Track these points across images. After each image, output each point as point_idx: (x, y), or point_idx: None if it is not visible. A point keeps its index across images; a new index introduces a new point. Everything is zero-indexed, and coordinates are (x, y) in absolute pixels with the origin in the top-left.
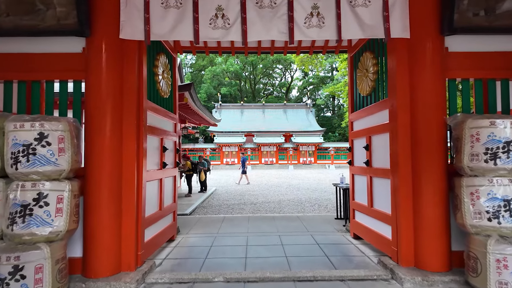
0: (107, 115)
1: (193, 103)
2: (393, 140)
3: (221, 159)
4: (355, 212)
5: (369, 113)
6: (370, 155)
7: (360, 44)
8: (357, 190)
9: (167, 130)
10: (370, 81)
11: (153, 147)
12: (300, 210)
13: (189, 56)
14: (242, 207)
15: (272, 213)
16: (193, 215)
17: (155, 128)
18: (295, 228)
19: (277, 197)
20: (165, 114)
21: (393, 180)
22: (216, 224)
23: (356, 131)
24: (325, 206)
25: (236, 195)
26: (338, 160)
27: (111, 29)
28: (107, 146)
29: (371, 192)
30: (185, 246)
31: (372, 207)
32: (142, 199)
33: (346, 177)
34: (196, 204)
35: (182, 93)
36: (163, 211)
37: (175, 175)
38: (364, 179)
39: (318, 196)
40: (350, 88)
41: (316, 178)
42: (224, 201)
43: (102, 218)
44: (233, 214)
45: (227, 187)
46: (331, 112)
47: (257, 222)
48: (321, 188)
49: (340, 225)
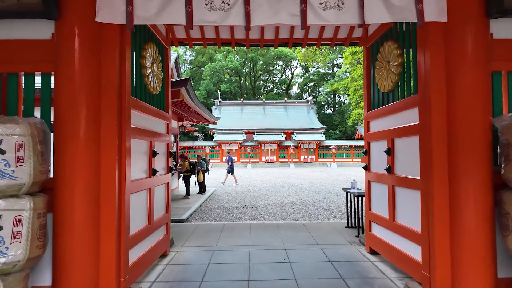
0: (81, 115)
1: (190, 100)
2: (425, 144)
3: (221, 157)
4: (371, 224)
5: (391, 112)
6: (392, 161)
7: (380, 33)
8: (374, 200)
9: (158, 132)
10: (392, 75)
11: (140, 152)
12: (305, 215)
13: (188, 52)
14: (243, 211)
15: (275, 218)
16: (190, 221)
17: (143, 129)
18: (302, 240)
19: (279, 199)
20: (155, 113)
21: (425, 193)
22: (214, 234)
23: (373, 133)
24: (331, 210)
25: (236, 196)
26: (340, 158)
27: (86, 10)
28: (81, 152)
29: (394, 203)
30: (179, 264)
31: (394, 221)
32: (125, 215)
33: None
34: (194, 207)
35: (177, 89)
36: (153, 225)
37: (168, 182)
38: (384, 188)
39: (322, 198)
40: (366, 83)
41: (318, 177)
42: (223, 204)
43: (76, 239)
44: (234, 220)
45: (227, 188)
46: (332, 109)
47: (260, 231)
48: (325, 189)
49: (352, 236)
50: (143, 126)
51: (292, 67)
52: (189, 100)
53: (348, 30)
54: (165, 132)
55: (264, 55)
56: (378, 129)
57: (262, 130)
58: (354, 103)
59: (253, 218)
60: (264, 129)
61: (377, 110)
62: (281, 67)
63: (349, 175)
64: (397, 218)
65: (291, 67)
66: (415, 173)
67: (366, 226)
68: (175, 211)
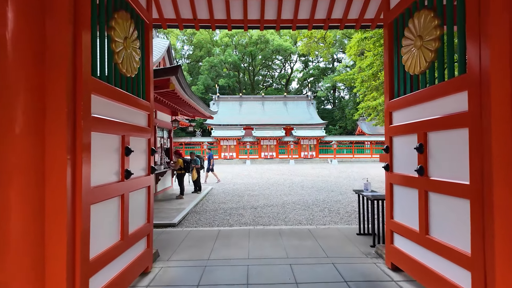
0: (16, 99)
1: (182, 91)
2: (478, 139)
3: (219, 153)
4: (393, 235)
5: (424, 99)
6: (425, 160)
7: (408, 2)
8: (398, 207)
9: (135, 124)
10: (427, 53)
11: (107, 150)
12: (309, 217)
13: (186, 47)
14: (241, 212)
15: (276, 221)
16: (181, 226)
17: (110, 121)
18: (309, 251)
19: (280, 199)
20: (130, 101)
21: (477, 203)
22: (207, 243)
23: (398, 126)
24: (336, 211)
25: (234, 195)
26: (341, 154)
27: None
28: (17, 151)
29: (426, 213)
30: (162, 286)
31: (427, 234)
32: (82, 232)
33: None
34: (187, 208)
35: (167, 78)
36: (128, 239)
37: (150, 185)
38: (413, 193)
39: (325, 197)
40: (388, 67)
41: (319, 174)
42: (220, 204)
43: (9, 270)
44: (231, 224)
45: (224, 185)
46: (332, 105)
47: (260, 239)
48: (327, 187)
49: (367, 245)
50: (112, 117)
51: (292, 62)
52: (180, 91)
53: (360, 9)
54: (145, 125)
55: (263, 49)
56: (404, 121)
57: (261, 125)
58: (361, 96)
59: (252, 221)
60: (263, 124)
61: (404, 97)
62: (281, 62)
63: (351, 172)
64: (432, 231)
65: (290, 61)
66: (461, 176)
67: (387, 237)
68: (166, 213)
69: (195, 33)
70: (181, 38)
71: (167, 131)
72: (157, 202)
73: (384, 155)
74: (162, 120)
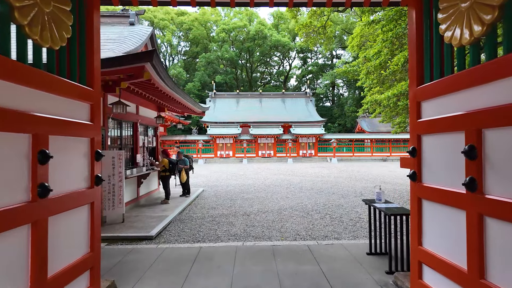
0: None
1: (160, 81)
2: None
3: (215, 152)
4: (423, 267)
5: (478, 79)
6: (479, 170)
7: None
8: (431, 230)
9: (61, 118)
10: (485, 10)
11: (4, 157)
12: (308, 226)
13: (182, 43)
14: (231, 220)
15: (270, 231)
16: (159, 239)
17: (4, 110)
18: (310, 282)
19: (276, 204)
20: (51, 85)
21: None
22: (183, 267)
23: (431, 120)
24: (339, 218)
25: (226, 199)
26: (341, 153)
27: None
28: None
29: (482, 246)
30: None
31: (483, 278)
32: None
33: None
34: (170, 216)
35: (140, 65)
36: (49, 285)
37: (93, 201)
38: (458, 215)
39: (326, 200)
40: (414, 42)
41: (319, 174)
42: (209, 210)
43: None
44: (218, 236)
45: (217, 187)
46: (331, 102)
47: (249, 262)
48: (327, 188)
49: (381, 271)
50: (10, 106)
51: (290, 59)
52: (159, 81)
53: None
54: (86, 120)
55: (261, 45)
56: (442, 114)
57: (259, 123)
58: (367, 89)
59: (243, 232)
60: (260, 122)
61: (442, 81)
62: (279, 58)
63: (351, 171)
64: (489, 275)
65: (289, 58)
66: None
67: (413, 270)
68: (144, 222)
69: (191, 28)
70: (177, 34)
71: (153, 128)
72: (138, 208)
73: (407, 160)
74: (146, 117)
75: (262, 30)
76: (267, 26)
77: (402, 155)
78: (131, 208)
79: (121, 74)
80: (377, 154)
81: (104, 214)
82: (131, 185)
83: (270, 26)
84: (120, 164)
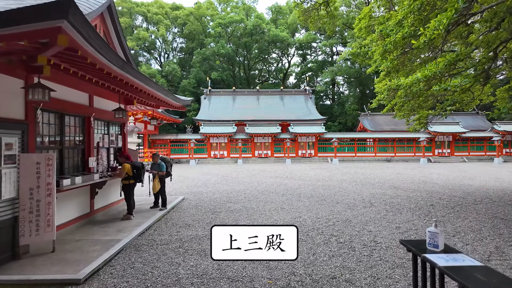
0: None
1: (91, 48)
2: None
3: (208, 152)
4: None
5: None
6: None
7: None
8: None
9: None
10: None
11: None
12: (307, 257)
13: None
14: (204, 247)
15: (255, 267)
16: (90, 284)
17: None
18: None
19: (268, 218)
20: None
21: None
22: None
23: None
24: (348, 243)
25: (207, 211)
26: (342, 153)
27: None
28: None
29: None
30: None
31: None
32: None
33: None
34: (124, 241)
35: (53, 26)
36: None
37: None
38: None
39: (329, 213)
40: None
41: (319, 177)
42: (181, 229)
43: None
44: (178, 275)
45: (202, 194)
46: (331, 100)
47: None
48: (330, 196)
49: None
50: None
51: (289, 56)
52: (88, 48)
53: None
54: None
55: (259, 41)
56: None
57: (255, 121)
58: (383, 72)
59: (216, 270)
60: (257, 120)
61: None
62: (277, 55)
63: (355, 173)
64: None
65: (288, 55)
66: None
67: None
68: (85, 250)
69: (186, 23)
70: (171, 29)
71: (118, 125)
72: (87, 228)
73: None
74: (106, 110)
75: (260, 25)
76: (265, 21)
77: (407, 155)
78: (79, 226)
79: (24, 40)
80: (381, 154)
81: (24, 242)
82: (80, 196)
83: (268, 21)
84: (49, 172)
